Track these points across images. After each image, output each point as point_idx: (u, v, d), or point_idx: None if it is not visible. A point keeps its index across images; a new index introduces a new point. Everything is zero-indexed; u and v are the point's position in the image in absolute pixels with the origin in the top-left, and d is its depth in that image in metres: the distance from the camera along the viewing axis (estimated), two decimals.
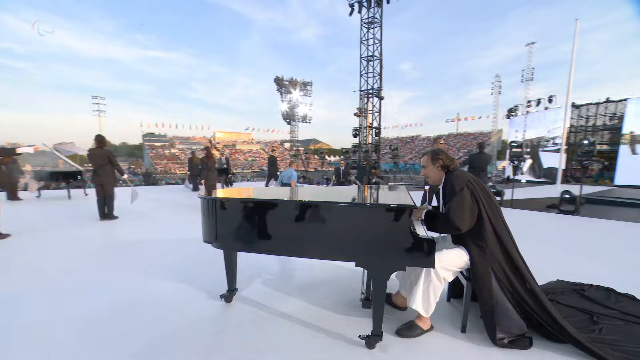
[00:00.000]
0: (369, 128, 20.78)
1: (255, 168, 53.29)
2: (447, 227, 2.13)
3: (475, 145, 49.01)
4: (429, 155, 2.42)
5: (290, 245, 2.12)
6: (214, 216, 2.29)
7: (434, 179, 2.41)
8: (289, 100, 35.28)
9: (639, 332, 2.45)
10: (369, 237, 1.96)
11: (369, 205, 2.00)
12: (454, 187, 2.16)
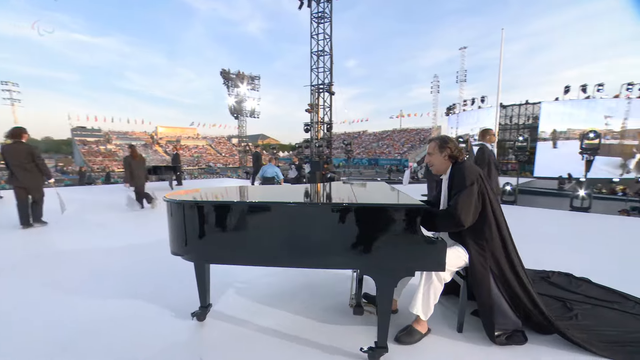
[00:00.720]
0: (320, 123, 20.68)
1: (202, 164, 50.62)
2: (450, 222, 1.99)
3: (417, 140, 51.76)
4: (436, 142, 2.23)
5: (285, 254, 1.81)
6: (185, 223, 1.89)
7: (438, 168, 2.25)
8: (236, 94, 33.86)
9: (606, 314, 2.59)
10: (376, 242, 1.74)
11: (377, 206, 1.75)
12: (464, 180, 2.01)
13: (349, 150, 19.32)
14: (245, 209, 1.82)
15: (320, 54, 19.20)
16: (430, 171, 6.79)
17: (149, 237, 4.59)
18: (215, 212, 1.83)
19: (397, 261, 1.74)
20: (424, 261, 1.74)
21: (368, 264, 1.76)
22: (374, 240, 1.73)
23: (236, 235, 1.83)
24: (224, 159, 57.91)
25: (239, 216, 1.81)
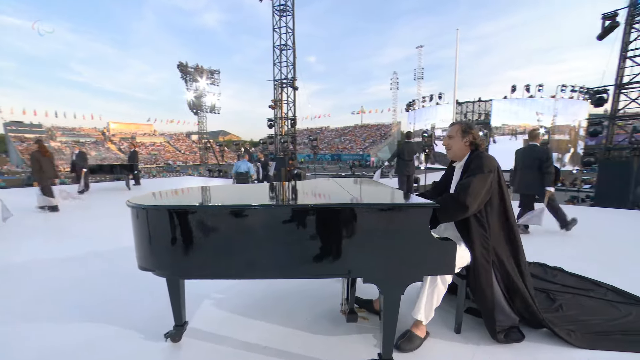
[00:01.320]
0: (284, 119, 20.28)
1: (160, 162, 47.91)
2: (455, 204, 1.83)
3: (379, 135, 52.86)
4: (460, 126, 2.11)
5: (279, 264, 1.56)
6: (155, 232, 1.57)
7: (455, 152, 2.13)
8: (195, 89, 32.22)
9: (585, 302, 2.63)
10: (381, 245, 1.55)
11: (384, 206, 1.55)
12: (483, 167, 1.90)
13: (315, 146, 19.13)
14: (230, 214, 1.54)
15: (283, 47, 18.75)
16: (401, 167, 6.70)
17: (108, 242, 4.08)
18: (192, 219, 1.53)
19: (406, 266, 1.57)
20: (434, 264, 1.59)
21: (373, 270, 1.57)
22: (381, 243, 1.54)
23: (218, 244, 1.55)
24: (183, 157, 55.34)
25: (222, 222, 1.54)
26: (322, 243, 1.53)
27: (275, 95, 19.87)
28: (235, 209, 1.53)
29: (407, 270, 1.58)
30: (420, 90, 52.09)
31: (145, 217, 1.56)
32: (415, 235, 1.54)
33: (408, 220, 1.53)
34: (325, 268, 1.56)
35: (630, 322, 2.31)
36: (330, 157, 49.52)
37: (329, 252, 1.54)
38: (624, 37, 11.49)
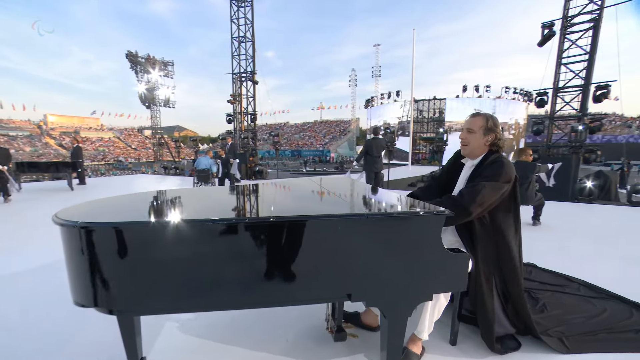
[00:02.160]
0: (243, 114, 19.48)
1: (109, 159, 44.17)
2: (459, 207, 1.61)
3: (338, 131, 53.17)
4: (484, 121, 1.79)
5: (262, 290, 1.23)
6: (97, 258, 1.17)
7: (471, 150, 1.83)
8: (147, 81, 29.88)
9: (564, 300, 2.62)
10: (387, 262, 1.28)
11: (391, 215, 1.28)
12: (500, 176, 1.66)
13: (277, 142, 18.57)
14: (202, 230, 1.18)
15: (242, 39, 17.91)
16: (370, 164, 6.53)
17: (39, 256, 3.42)
18: (149, 238, 1.16)
19: (414, 285, 1.32)
20: (446, 280, 1.36)
21: (378, 292, 1.30)
22: (386, 260, 1.28)
23: (187, 269, 1.18)
24: (136, 153, 51.59)
25: (191, 240, 1.17)
26: (317, 262, 1.24)
27: (234, 89, 18.99)
28: (207, 224, 1.18)
29: (416, 289, 1.34)
30: (377, 88, 53.26)
31: (80, 238, 1.15)
32: (425, 248, 1.30)
33: (418, 231, 1.28)
34: (321, 292, 1.27)
35: (609, 319, 2.32)
36: (290, 153, 48.94)
37: (325, 273, 1.25)
38: (560, 46, 12.37)
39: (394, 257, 1.28)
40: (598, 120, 11.03)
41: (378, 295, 1.31)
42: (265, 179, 16.56)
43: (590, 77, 11.60)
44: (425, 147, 30.66)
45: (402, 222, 1.27)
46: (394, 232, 1.26)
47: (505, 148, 1.88)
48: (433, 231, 1.29)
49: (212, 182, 9.30)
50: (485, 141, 1.79)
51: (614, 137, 38.32)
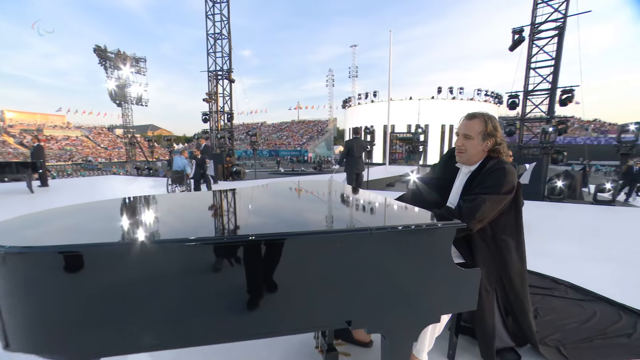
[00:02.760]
0: (220, 113, 18.91)
1: (77, 159, 41.75)
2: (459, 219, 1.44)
3: (315, 131, 53.07)
4: (482, 123, 1.57)
5: (249, 319, 0.99)
6: (38, 292, 0.89)
7: (468, 158, 1.62)
8: (117, 77, 28.39)
9: (554, 303, 2.56)
10: (394, 282, 1.09)
11: (403, 229, 1.07)
12: (501, 186, 1.48)
13: (254, 141, 18.14)
14: (174, 252, 0.94)
15: (218, 37, 17.35)
16: (352, 164, 6.36)
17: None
18: (106, 264, 0.90)
19: (422, 306, 1.14)
20: (455, 299, 1.19)
21: (382, 317, 1.11)
22: (395, 280, 1.08)
23: (156, 303, 0.94)
24: (106, 153, 49.13)
25: (161, 266, 0.93)
26: (312, 285, 1.03)
27: (210, 87, 18.39)
28: (171, 245, 0.94)
29: (424, 311, 1.16)
30: (355, 88, 53.54)
31: (9, 268, 0.87)
32: (435, 265, 1.12)
33: (429, 245, 1.10)
34: (316, 320, 1.05)
35: (600, 323, 2.26)
36: (268, 153, 48.30)
37: (321, 298, 1.04)
38: (529, 51, 12.80)
39: (401, 276, 1.09)
40: (564, 123, 11.49)
41: (382, 320, 1.11)
42: (243, 179, 16.13)
43: (557, 82, 12.06)
44: (401, 147, 31.19)
45: (411, 236, 1.08)
46: (402, 248, 1.07)
47: (505, 153, 1.63)
48: (444, 246, 1.12)
49: (187, 183, 8.84)
50: (484, 147, 1.59)
51: (573, 139, 40.53)
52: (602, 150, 35.72)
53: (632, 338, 2.10)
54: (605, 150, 35.50)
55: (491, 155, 1.61)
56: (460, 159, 1.67)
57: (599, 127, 48.15)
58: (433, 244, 1.10)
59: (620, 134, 9.77)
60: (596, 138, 42.49)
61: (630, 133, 9.74)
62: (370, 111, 27.17)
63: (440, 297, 1.16)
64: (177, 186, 8.90)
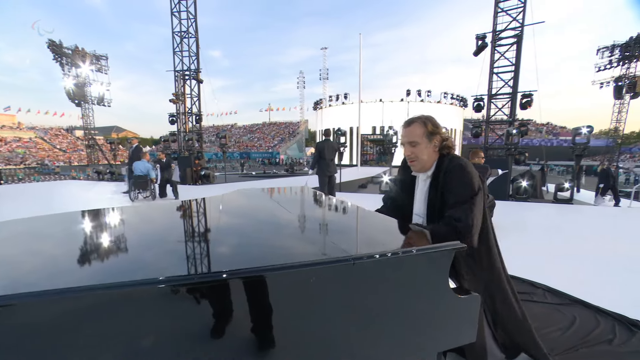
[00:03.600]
0: (188, 114, 18.10)
1: (30, 162, 38.52)
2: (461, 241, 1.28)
3: (287, 133, 52.61)
4: (422, 125, 1.46)
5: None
6: None
7: (422, 164, 1.49)
8: (76, 75, 26.47)
9: (535, 310, 2.49)
10: (382, 319, 0.87)
11: (391, 257, 0.85)
12: (470, 184, 1.36)
13: (224, 144, 17.52)
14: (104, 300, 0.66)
15: (184, 35, 16.59)
16: (323, 167, 6.12)
17: None
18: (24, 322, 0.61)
19: (418, 343, 0.93)
20: (453, 332, 0.99)
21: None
22: (383, 317, 0.87)
23: None
24: (65, 156, 45.80)
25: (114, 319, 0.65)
26: (282, 330, 0.78)
27: (176, 88, 17.54)
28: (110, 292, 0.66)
29: (420, 349, 0.94)
30: (325, 90, 53.63)
31: None
32: (431, 295, 0.92)
33: (422, 274, 0.90)
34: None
35: (581, 329, 2.21)
36: (239, 155, 47.19)
37: (292, 344, 0.80)
38: (491, 56, 13.28)
39: (390, 312, 0.88)
40: (525, 126, 12.02)
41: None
42: (213, 183, 15.50)
43: (517, 86, 12.60)
44: (372, 149, 31.56)
45: (402, 264, 0.86)
46: (390, 279, 0.86)
47: (453, 147, 1.56)
48: (440, 272, 0.92)
49: (151, 189, 8.24)
50: (433, 148, 1.48)
51: (530, 141, 43.01)
52: (555, 151, 38.23)
53: (614, 344, 2.06)
54: (558, 151, 38.09)
55: (442, 153, 1.50)
56: (414, 168, 1.55)
57: (551, 130, 51.53)
58: (428, 271, 0.90)
59: (575, 137, 10.33)
60: (549, 140, 45.45)
61: (583, 136, 10.34)
62: (341, 113, 27.21)
63: (437, 330, 0.96)
64: (141, 192, 8.29)
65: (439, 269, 0.91)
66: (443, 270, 0.92)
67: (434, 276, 0.91)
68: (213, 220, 1.39)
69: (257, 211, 1.57)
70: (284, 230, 1.22)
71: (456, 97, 26.86)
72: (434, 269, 0.91)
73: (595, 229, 5.19)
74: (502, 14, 12.54)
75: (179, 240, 1.11)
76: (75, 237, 1.13)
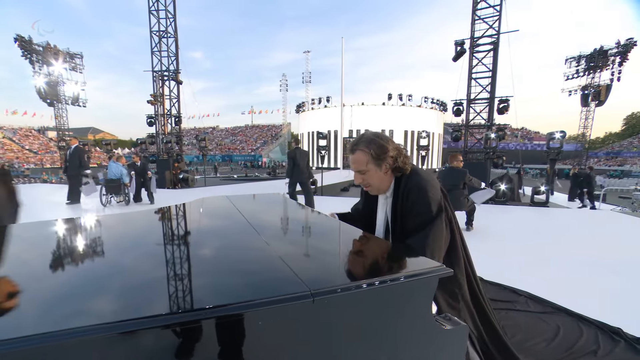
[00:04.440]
0: (166, 116, 17.54)
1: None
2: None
3: (269, 136, 52.15)
4: (365, 153, 1.33)
5: None
6: None
7: (379, 187, 1.40)
8: (47, 73, 25.21)
9: (518, 319, 2.42)
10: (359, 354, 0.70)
11: (366, 288, 0.69)
12: (431, 205, 1.26)
13: (203, 146, 17.06)
14: None
15: (163, 34, 16.08)
16: (296, 174, 5.94)
17: None
18: None
19: None
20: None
21: None
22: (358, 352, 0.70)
23: None
24: (36, 158, 43.58)
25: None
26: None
27: (155, 88, 16.96)
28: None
29: None
30: (308, 93, 53.50)
31: None
32: (413, 329, 0.76)
33: (403, 304, 0.74)
34: None
35: (565, 340, 2.14)
36: (220, 158, 46.29)
37: None
38: (470, 62, 13.53)
39: (368, 345, 0.72)
40: (502, 130, 12.29)
41: None
42: (192, 187, 15.06)
43: (494, 92, 12.89)
44: None
45: (378, 295, 0.71)
46: (362, 314, 0.70)
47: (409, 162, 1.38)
48: (424, 301, 0.77)
49: (124, 194, 7.82)
50: (384, 172, 1.35)
51: (506, 145, 44.39)
52: (529, 155, 39.62)
53: (598, 355, 2.00)
54: (532, 155, 39.50)
55: (396, 174, 1.37)
56: (372, 192, 1.44)
57: (525, 135, 53.38)
58: (409, 301, 0.75)
59: (549, 141, 10.60)
60: (524, 144, 47.04)
61: (556, 141, 10.62)
62: (324, 116, 27.11)
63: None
64: (113, 196, 7.85)
65: (422, 298, 0.76)
66: (427, 299, 0.78)
67: (415, 308, 0.76)
68: (149, 242, 1.20)
69: (212, 227, 1.39)
70: (237, 253, 1.03)
71: (436, 101, 27.31)
72: (415, 299, 0.75)
73: (575, 231, 5.26)
74: (479, 21, 12.82)
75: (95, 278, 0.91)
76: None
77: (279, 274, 0.74)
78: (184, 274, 0.79)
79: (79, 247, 1.08)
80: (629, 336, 2.17)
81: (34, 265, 0.88)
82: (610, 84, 25.00)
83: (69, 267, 0.88)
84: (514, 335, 2.15)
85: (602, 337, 2.17)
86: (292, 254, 0.96)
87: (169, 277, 0.77)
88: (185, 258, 0.94)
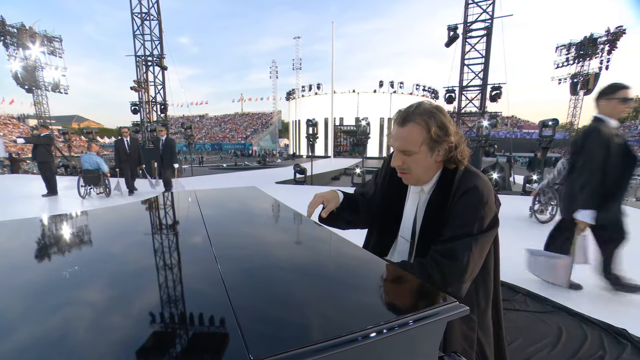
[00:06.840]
0: (152, 103, 16.91)
1: None
2: (444, 287, 0.93)
3: (260, 124, 51.34)
4: (423, 129, 0.96)
5: None
6: None
7: (418, 178, 1.05)
8: (24, 57, 24.00)
9: (520, 320, 2.27)
10: None
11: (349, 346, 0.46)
12: (482, 217, 0.94)
13: (190, 135, 16.54)
14: None
15: (145, 17, 15.32)
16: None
17: None
18: None
19: None
20: None
21: None
22: None
23: None
24: (16, 147, 41.99)
25: None
26: None
27: (138, 74, 16.25)
28: None
29: None
30: (299, 80, 52.58)
31: None
32: None
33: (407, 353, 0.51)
34: None
35: (569, 344, 2.02)
36: (210, 146, 45.43)
37: None
38: (462, 48, 13.28)
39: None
40: (494, 118, 12.15)
41: None
42: (179, 177, 14.61)
43: (487, 79, 12.70)
44: (345, 140, 31.34)
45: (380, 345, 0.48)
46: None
47: (467, 155, 1.02)
48: (432, 343, 0.54)
49: (104, 184, 7.43)
50: (435, 159, 1.02)
51: (497, 133, 44.63)
52: (519, 143, 39.94)
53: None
54: (521, 143, 39.82)
55: (447, 167, 1.04)
56: (406, 181, 1.10)
57: (515, 123, 53.78)
58: (413, 348, 0.52)
59: (542, 130, 10.50)
60: (514, 132, 47.41)
61: (549, 129, 10.53)
62: (315, 103, 26.63)
63: None
64: (92, 188, 7.46)
65: (428, 344, 0.54)
66: (434, 341, 0.55)
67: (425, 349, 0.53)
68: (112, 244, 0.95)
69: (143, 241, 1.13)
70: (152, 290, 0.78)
71: (428, 89, 27.06)
72: (420, 346, 0.53)
73: None
74: (472, 5, 12.51)
75: None
76: None
77: (217, 330, 0.50)
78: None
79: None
80: (635, 338, 2.03)
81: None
82: (599, 73, 25.08)
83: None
84: (515, 340, 1.99)
85: (608, 340, 2.02)
86: (249, 289, 0.70)
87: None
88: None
